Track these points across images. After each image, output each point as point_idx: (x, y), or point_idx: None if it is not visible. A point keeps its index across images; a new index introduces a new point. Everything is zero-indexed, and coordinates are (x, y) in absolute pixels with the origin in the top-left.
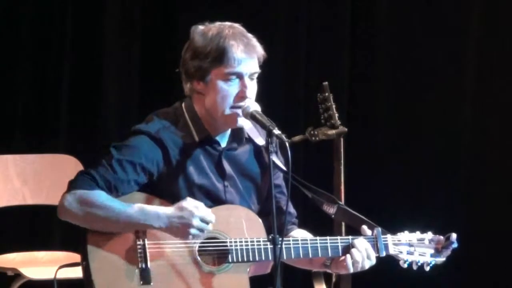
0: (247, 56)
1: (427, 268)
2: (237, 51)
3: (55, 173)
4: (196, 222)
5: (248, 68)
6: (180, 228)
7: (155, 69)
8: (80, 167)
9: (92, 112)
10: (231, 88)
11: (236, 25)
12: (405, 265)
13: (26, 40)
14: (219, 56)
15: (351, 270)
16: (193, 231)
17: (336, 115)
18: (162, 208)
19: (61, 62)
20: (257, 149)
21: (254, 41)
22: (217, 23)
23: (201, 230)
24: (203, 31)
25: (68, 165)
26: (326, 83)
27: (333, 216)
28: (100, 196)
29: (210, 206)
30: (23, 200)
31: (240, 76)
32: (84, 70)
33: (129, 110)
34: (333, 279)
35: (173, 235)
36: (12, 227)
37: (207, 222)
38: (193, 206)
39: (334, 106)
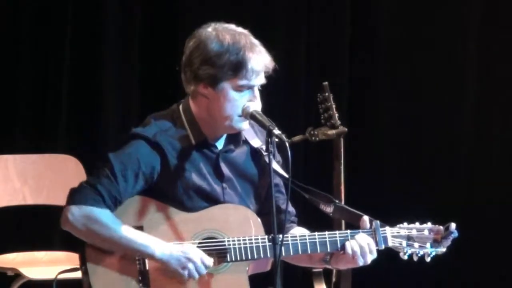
0: (262, 69)
1: (428, 259)
2: (255, 64)
3: (55, 173)
4: (196, 259)
5: (260, 80)
6: (179, 261)
7: (155, 69)
8: (80, 167)
9: (92, 112)
10: (242, 99)
11: (245, 31)
12: (406, 257)
13: (26, 40)
14: (237, 68)
15: (352, 264)
16: (190, 266)
17: (336, 115)
18: (165, 243)
19: (61, 62)
20: (253, 151)
21: (264, 50)
22: (225, 27)
23: (197, 270)
24: (217, 38)
25: (68, 165)
26: (326, 83)
27: (331, 215)
28: (106, 216)
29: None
30: (23, 200)
31: (251, 87)
32: (84, 70)
33: (129, 110)
34: (333, 279)
35: (170, 267)
36: (12, 227)
37: (205, 265)
38: (195, 248)
39: (334, 106)
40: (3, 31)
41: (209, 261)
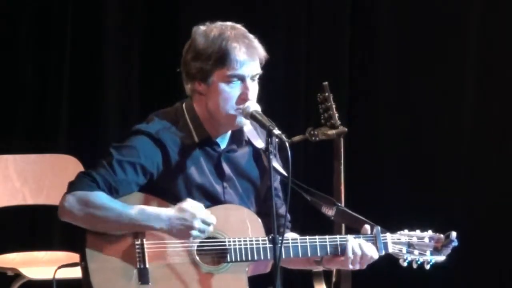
0: (249, 58)
1: (427, 267)
2: (239, 53)
3: (55, 173)
4: (197, 223)
5: (250, 70)
6: (181, 229)
7: (156, 69)
8: (80, 167)
9: (92, 112)
10: (233, 90)
11: (238, 25)
12: (405, 264)
13: (26, 40)
14: (221, 58)
15: (345, 267)
16: (194, 232)
17: (336, 115)
18: (162, 209)
19: (61, 62)
20: (256, 152)
21: (255, 42)
22: (218, 23)
23: (202, 231)
24: (205, 32)
25: (68, 165)
26: (326, 83)
27: (332, 218)
28: (101, 197)
29: (208, 207)
30: (23, 200)
31: (242, 78)
32: (84, 70)
33: (129, 109)
34: (333, 279)
35: (173, 236)
36: (12, 227)
37: (208, 224)
38: (194, 207)
39: (334, 106)
40: (3, 31)
41: (212, 219)
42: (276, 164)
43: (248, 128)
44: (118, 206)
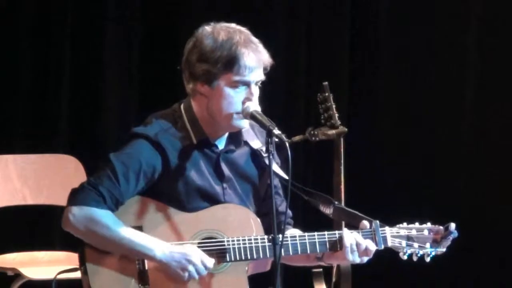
0: (257, 65)
1: (428, 259)
2: (248, 59)
3: (55, 173)
4: (196, 259)
5: (256, 76)
6: (179, 262)
7: (155, 69)
8: (80, 167)
9: (93, 112)
10: (237, 95)
11: (243, 29)
12: (405, 257)
13: (26, 41)
14: (229, 63)
15: (346, 261)
16: (190, 267)
17: (336, 115)
18: (165, 243)
19: (62, 62)
20: (254, 152)
21: (261, 47)
22: (224, 25)
23: (198, 271)
24: (212, 34)
25: (68, 165)
26: (326, 83)
27: (331, 216)
28: (107, 217)
29: (208, 208)
30: (23, 200)
31: (248, 84)
32: (84, 70)
33: (129, 110)
34: (333, 279)
35: (170, 269)
36: (12, 227)
37: (205, 266)
38: (196, 249)
39: (334, 106)
40: (3, 31)
41: (210, 262)
42: (275, 166)
43: (246, 128)
44: (123, 229)
